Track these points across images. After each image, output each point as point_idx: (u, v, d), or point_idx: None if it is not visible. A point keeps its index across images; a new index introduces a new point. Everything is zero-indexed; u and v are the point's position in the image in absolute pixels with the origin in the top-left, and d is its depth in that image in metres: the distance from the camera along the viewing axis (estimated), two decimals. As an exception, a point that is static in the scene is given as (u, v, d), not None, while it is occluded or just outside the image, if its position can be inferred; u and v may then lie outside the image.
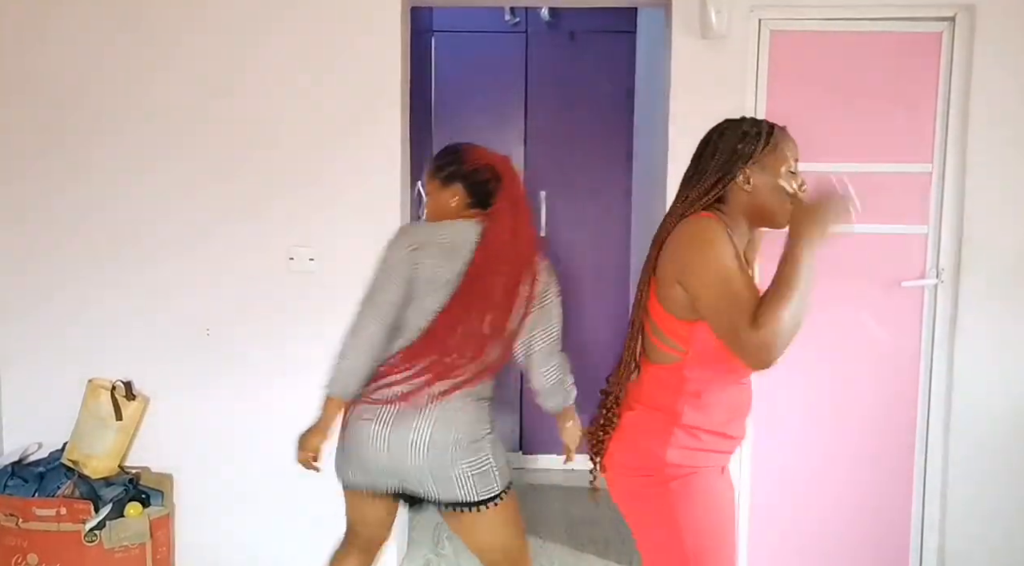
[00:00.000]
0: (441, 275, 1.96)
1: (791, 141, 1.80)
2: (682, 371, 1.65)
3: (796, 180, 1.76)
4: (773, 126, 1.77)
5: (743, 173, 1.71)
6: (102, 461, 2.73)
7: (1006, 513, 2.81)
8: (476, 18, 4.32)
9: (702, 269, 1.57)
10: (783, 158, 1.75)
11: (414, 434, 1.93)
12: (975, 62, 2.69)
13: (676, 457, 1.66)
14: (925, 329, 2.82)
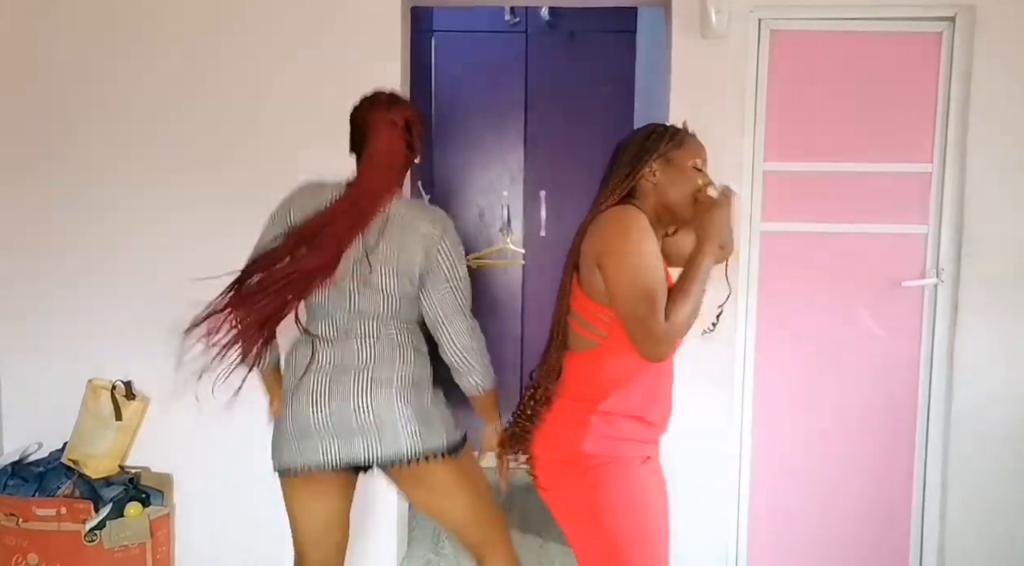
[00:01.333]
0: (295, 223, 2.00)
1: (697, 142, 1.85)
2: (601, 357, 1.71)
3: (701, 179, 1.81)
4: (681, 128, 1.86)
5: (649, 167, 1.79)
6: (102, 461, 2.73)
7: (1006, 513, 2.81)
8: (476, 18, 4.33)
9: (621, 253, 1.64)
10: (688, 155, 1.81)
11: (356, 374, 1.95)
12: (975, 62, 2.69)
13: (593, 447, 1.69)
14: (925, 329, 2.82)
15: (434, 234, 1.97)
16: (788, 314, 2.83)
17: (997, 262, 2.74)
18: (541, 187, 4.37)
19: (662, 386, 1.80)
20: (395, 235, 1.95)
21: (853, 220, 2.80)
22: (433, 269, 1.97)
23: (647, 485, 1.74)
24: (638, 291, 1.61)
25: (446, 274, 1.98)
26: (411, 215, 1.98)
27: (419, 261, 1.96)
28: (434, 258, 1.97)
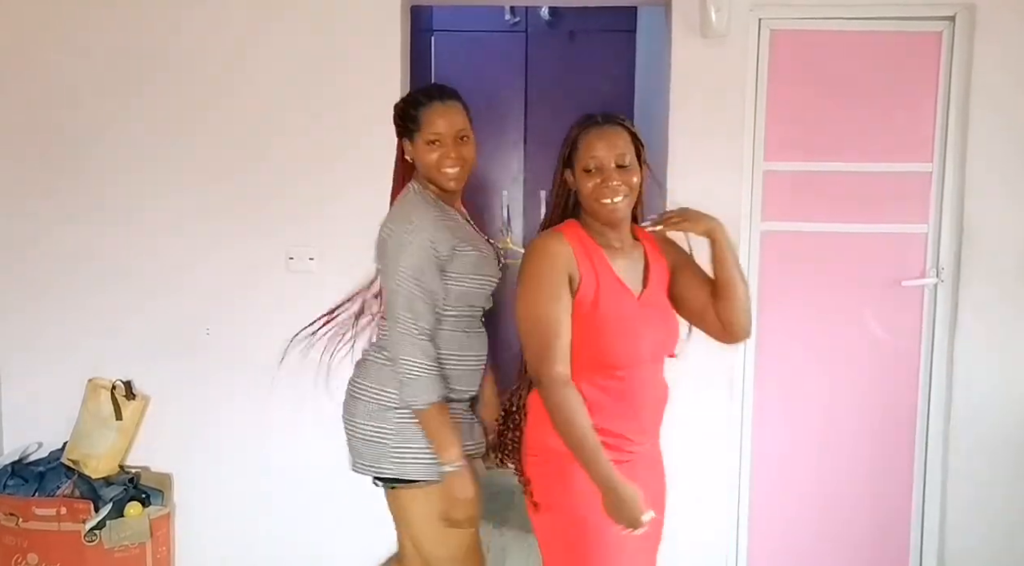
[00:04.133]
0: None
1: (593, 138, 1.76)
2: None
3: (590, 180, 1.74)
4: (578, 125, 1.80)
5: (565, 176, 1.80)
6: (102, 461, 2.73)
7: (1006, 513, 2.81)
8: (476, 18, 4.33)
9: (522, 299, 1.74)
10: (582, 157, 1.75)
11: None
12: (975, 62, 2.69)
13: (557, 443, 1.69)
14: (925, 329, 2.82)
15: (381, 236, 1.98)
16: (788, 314, 2.83)
17: (997, 262, 2.74)
18: (541, 187, 4.36)
19: (627, 402, 1.75)
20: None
21: (853, 220, 2.80)
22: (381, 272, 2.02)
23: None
24: (532, 340, 1.70)
25: (385, 280, 1.97)
26: (389, 214, 2.05)
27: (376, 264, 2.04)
28: (377, 262, 2.02)
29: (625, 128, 1.78)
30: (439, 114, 1.95)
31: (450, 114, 1.96)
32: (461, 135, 1.96)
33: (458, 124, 1.96)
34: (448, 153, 1.94)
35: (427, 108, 1.95)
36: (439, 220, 1.95)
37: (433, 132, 1.94)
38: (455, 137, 1.95)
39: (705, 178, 2.75)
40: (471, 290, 2.00)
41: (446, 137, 1.94)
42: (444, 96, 1.98)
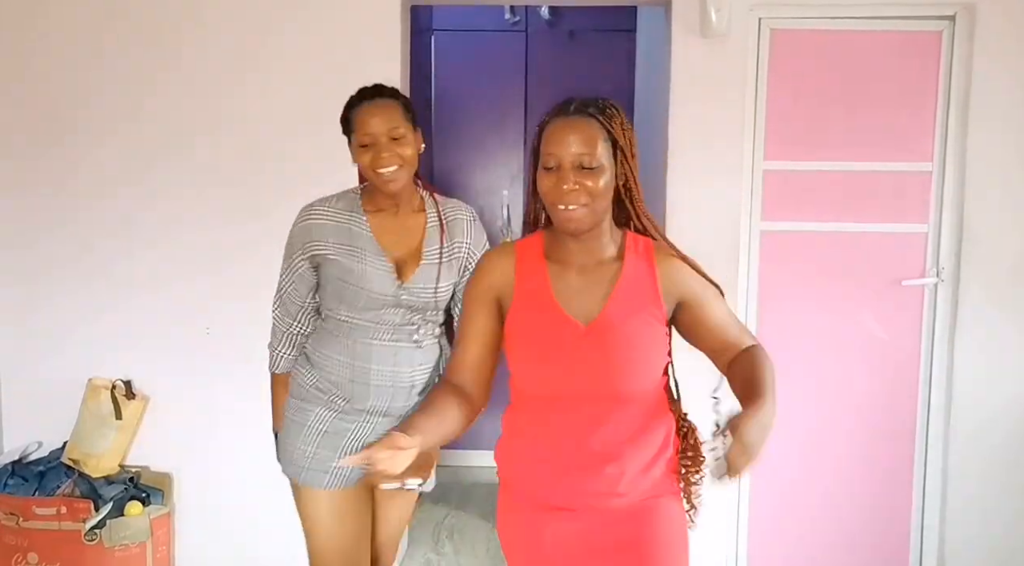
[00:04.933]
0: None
1: (555, 130, 1.46)
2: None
3: (547, 180, 1.46)
4: (550, 113, 1.51)
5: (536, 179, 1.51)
6: (102, 460, 2.73)
7: (1006, 513, 2.81)
8: (476, 17, 4.32)
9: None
10: (545, 155, 1.47)
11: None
12: (975, 62, 2.69)
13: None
14: (925, 328, 2.82)
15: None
16: (788, 313, 2.83)
17: (997, 262, 2.74)
18: (541, 186, 4.36)
19: (551, 444, 1.51)
20: None
21: (853, 220, 2.80)
22: None
23: (516, 540, 1.60)
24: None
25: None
26: None
27: None
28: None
29: (597, 120, 1.46)
30: (369, 114, 1.89)
31: (381, 113, 1.89)
32: (394, 135, 1.88)
33: (390, 122, 1.88)
34: (380, 153, 1.87)
35: (357, 109, 1.91)
36: (332, 218, 1.96)
37: (364, 133, 1.88)
38: (388, 136, 1.87)
39: (705, 178, 2.75)
40: (343, 296, 1.95)
41: (378, 137, 1.87)
42: (375, 95, 1.93)
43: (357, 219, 1.97)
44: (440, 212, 2.02)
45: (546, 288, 1.51)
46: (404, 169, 1.90)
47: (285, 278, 2.05)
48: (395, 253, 1.96)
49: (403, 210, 1.99)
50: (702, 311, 1.53)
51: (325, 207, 1.99)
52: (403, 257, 1.97)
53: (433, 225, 2.01)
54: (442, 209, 2.04)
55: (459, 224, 2.04)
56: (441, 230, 2.00)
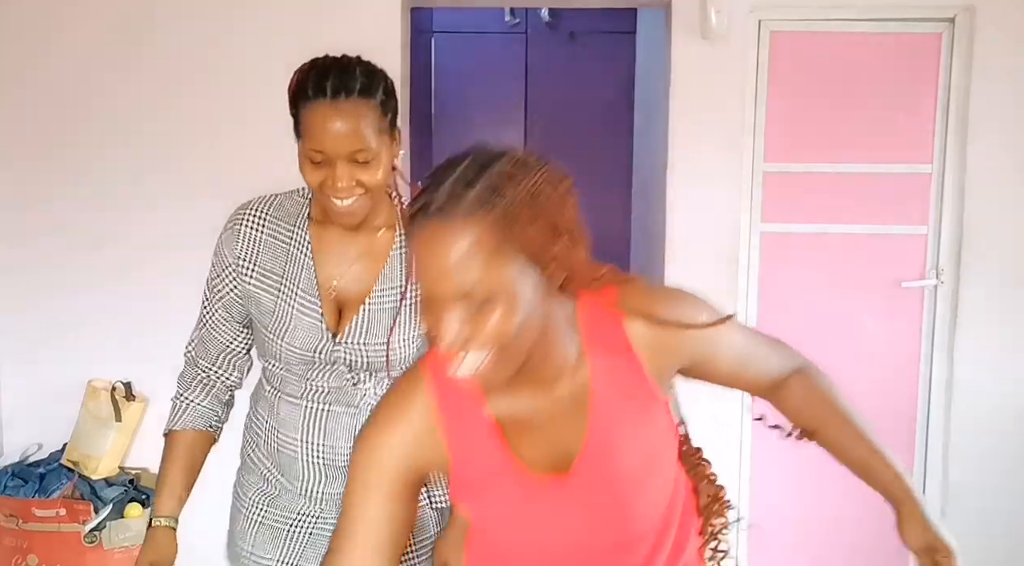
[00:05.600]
0: None
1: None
2: None
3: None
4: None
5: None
6: (102, 462, 2.72)
7: (1006, 513, 2.81)
8: (476, 19, 4.33)
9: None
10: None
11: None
12: (974, 64, 2.69)
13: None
14: (925, 330, 2.82)
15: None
16: (788, 315, 2.83)
17: (997, 262, 2.74)
18: (541, 188, 4.37)
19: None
20: None
21: (853, 220, 2.80)
22: None
23: None
24: None
25: None
26: None
27: None
28: None
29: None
30: (325, 122, 1.30)
31: (343, 123, 1.29)
32: (358, 158, 1.31)
33: (355, 141, 1.30)
34: (335, 181, 1.31)
35: (310, 108, 1.31)
36: (269, 230, 1.44)
37: (315, 148, 1.31)
38: (349, 158, 1.30)
39: (705, 179, 2.75)
40: (262, 344, 1.46)
41: (334, 158, 1.30)
42: (339, 89, 1.30)
43: (300, 236, 1.43)
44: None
45: (497, 447, 1.02)
46: (368, 197, 1.35)
47: (206, 305, 1.50)
48: (340, 287, 1.42)
49: (364, 225, 1.41)
50: (715, 364, 1.16)
51: (259, 213, 1.45)
52: (348, 296, 1.42)
53: (398, 253, 1.43)
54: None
55: None
56: (408, 263, 1.41)
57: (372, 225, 1.42)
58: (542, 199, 0.92)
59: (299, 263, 1.42)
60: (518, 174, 0.91)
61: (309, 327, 1.40)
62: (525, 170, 0.92)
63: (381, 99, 1.35)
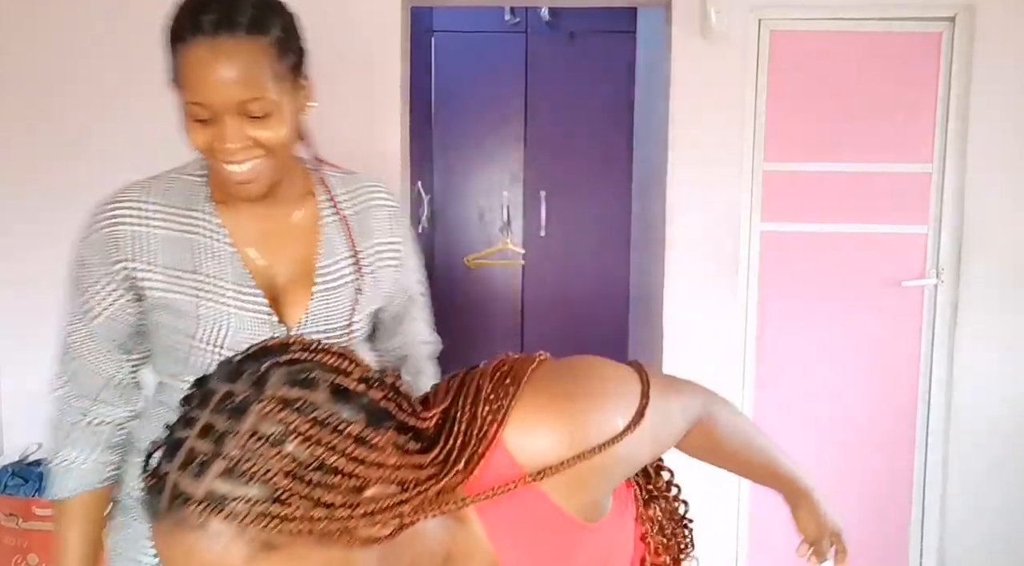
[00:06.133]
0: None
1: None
2: None
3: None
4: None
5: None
6: (102, 461, 2.73)
7: (1006, 513, 2.81)
8: (476, 18, 4.33)
9: None
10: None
11: None
12: (975, 62, 2.69)
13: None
14: (925, 329, 2.82)
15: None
16: (788, 314, 2.83)
17: (997, 262, 2.74)
18: (541, 187, 4.37)
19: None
20: None
21: (853, 220, 2.80)
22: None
23: None
24: None
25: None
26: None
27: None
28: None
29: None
30: (206, 64, 1.06)
31: (225, 65, 1.05)
32: (251, 111, 1.08)
33: (245, 88, 1.06)
34: (224, 140, 1.09)
35: (187, 48, 1.07)
36: (160, 222, 1.19)
37: (194, 98, 1.09)
38: (238, 112, 1.08)
39: (705, 179, 2.75)
40: (186, 357, 1.19)
41: (221, 112, 1.08)
42: (221, 24, 1.06)
43: (204, 222, 1.20)
44: (334, 196, 1.27)
45: None
46: (270, 161, 1.12)
47: (74, 331, 1.21)
48: (272, 274, 1.20)
49: (280, 198, 1.21)
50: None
51: (142, 204, 1.20)
52: (285, 281, 1.21)
53: (331, 221, 1.25)
54: (340, 193, 1.28)
55: (376, 214, 1.29)
56: (346, 228, 1.25)
57: (287, 197, 1.22)
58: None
59: (218, 254, 1.18)
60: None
61: (255, 325, 1.17)
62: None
63: (278, 36, 1.12)
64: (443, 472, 0.77)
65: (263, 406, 0.68)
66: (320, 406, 0.70)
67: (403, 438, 0.75)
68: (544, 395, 0.84)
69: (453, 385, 0.87)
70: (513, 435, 0.81)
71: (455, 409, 0.83)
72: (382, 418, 0.74)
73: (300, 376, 0.71)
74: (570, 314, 4.36)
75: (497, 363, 0.89)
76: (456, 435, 0.80)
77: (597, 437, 0.83)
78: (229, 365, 0.74)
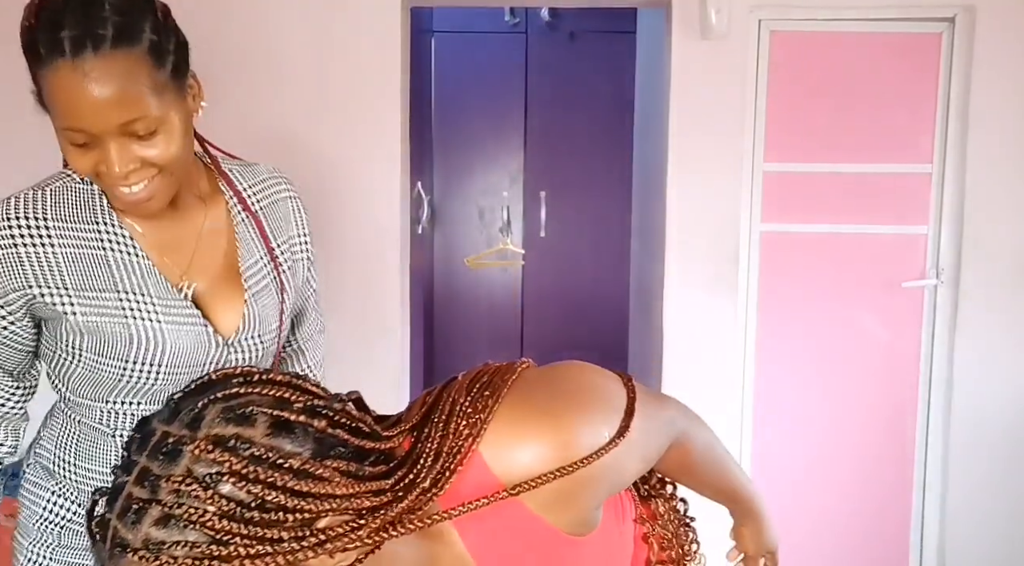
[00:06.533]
0: None
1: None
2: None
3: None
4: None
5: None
6: (102, 461, 2.72)
7: (1006, 513, 2.81)
8: (476, 18, 4.33)
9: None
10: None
11: None
12: (975, 62, 2.69)
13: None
14: (925, 329, 2.82)
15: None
16: (788, 315, 2.83)
17: (997, 263, 2.74)
18: (541, 188, 4.37)
19: None
20: None
21: (853, 220, 2.80)
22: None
23: None
24: None
25: None
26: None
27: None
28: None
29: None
30: (71, 89, 0.95)
31: (96, 88, 0.94)
32: (135, 130, 0.98)
33: (125, 109, 0.96)
34: (111, 166, 0.99)
35: (49, 71, 0.97)
36: (65, 238, 1.08)
37: (68, 125, 0.99)
38: (118, 132, 0.98)
39: (705, 179, 2.75)
40: (111, 383, 1.13)
41: (102, 136, 0.98)
42: (83, 42, 0.94)
43: (110, 235, 1.10)
44: (240, 192, 1.22)
45: None
46: (165, 178, 1.04)
47: None
48: (195, 282, 1.14)
49: (185, 203, 1.15)
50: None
51: (37, 219, 1.06)
52: (210, 288, 1.16)
53: (242, 219, 1.20)
54: (243, 187, 1.23)
55: (283, 206, 1.28)
56: (257, 225, 1.21)
57: (192, 200, 1.16)
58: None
59: (132, 268, 1.10)
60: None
61: (193, 338, 1.11)
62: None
63: (151, 41, 0.97)
64: (406, 494, 0.74)
65: (195, 447, 0.67)
66: (256, 443, 0.68)
67: (355, 465, 0.73)
68: (525, 405, 0.81)
69: (429, 400, 0.85)
70: (490, 448, 0.79)
71: (428, 425, 0.80)
72: (330, 447, 0.72)
73: (237, 412, 0.70)
74: (570, 314, 4.36)
75: (476, 373, 0.86)
76: (426, 454, 0.78)
77: (581, 449, 0.79)
78: (169, 404, 0.73)
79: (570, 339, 4.27)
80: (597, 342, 4.11)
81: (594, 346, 4.23)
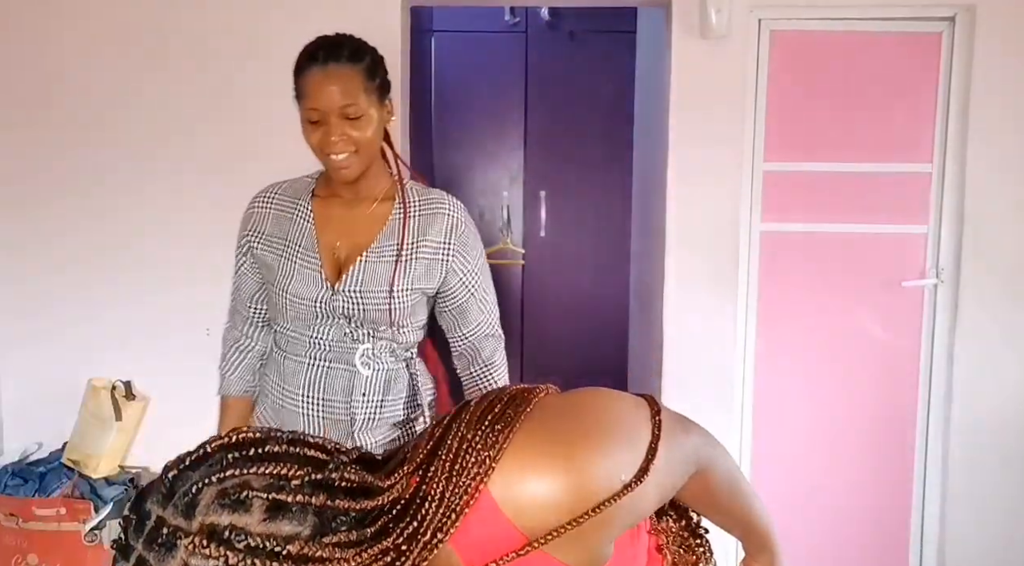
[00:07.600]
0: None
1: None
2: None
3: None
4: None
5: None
6: (102, 461, 2.73)
7: (1006, 513, 2.81)
8: (476, 18, 4.33)
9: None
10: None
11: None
12: (975, 62, 2.69)
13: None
14: (925, 329, 2.82)
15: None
16: (788, 314, 2.83)
17: (997, 262, 2.74)
18: (541, 187, 4.37)
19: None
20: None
21: (853, 220, 2.80)
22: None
23: None
24: None
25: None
26: None
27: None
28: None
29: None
30: (318, 84, 1.55)
31: (333, 83, 1.55)
32: (348, 113, 1.55)
33: (344, 97, 1.54)
34: (329, 135, 1.56)
35: (306, 74, 1.58)
36: (276, 206, 1.73)
37: (311, 107, 1.56)
38: (340, 114, 1.55)
39: (705, 178, 2.75)
40: (274, 302, 1.71)
41: (327, 114, 1.55)
42: (329, 57, 1.58)
43: (303, 207, 1.70)
44: (408, 202, 1.67)
45: None
46: (360, 155, 1.59)
47: (234, 280, 1.82)
48: (341, 249, 1.65)
49: (363, 198, 1.68)
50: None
51: (270, 194, 1.75)
52: (346, 255, 1.65)
53: (397, 218, 1.66)
54: (414, 199, 1.68)
55: (437, 220, 1.66)
56: (404, 222, 1.65)
57: (370, 196, 1.67)
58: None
59: (301, 228, 1.67)
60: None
61: (310, 278, 1.62)
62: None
63: (367, 64, 1.60)
64: (410, 548, 0.73)
65: (191, 541, 0.66)
66: (252, 532, 0.67)
67: (356, 533, 0.71)
68: (539, 442, 0.78)
69: (437, 432, 0.82)
70: (500, 487, 0.76)
71: (435, 463, 0.78)
72: (331, 518, 0.71)
73: (232, 497, 0.68)
74: (570, 314, 4.36)
75: (490, 402, 0.82)
76: (431, 498, 0.75)
77: (596, 492, 0.77)
78: (164, 482, 0.73)
79: (570, 339, 4.27)
80: (597, 342, 4.12)
81: (594, 346, 4.23)
